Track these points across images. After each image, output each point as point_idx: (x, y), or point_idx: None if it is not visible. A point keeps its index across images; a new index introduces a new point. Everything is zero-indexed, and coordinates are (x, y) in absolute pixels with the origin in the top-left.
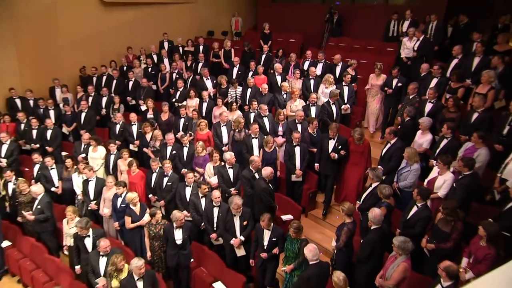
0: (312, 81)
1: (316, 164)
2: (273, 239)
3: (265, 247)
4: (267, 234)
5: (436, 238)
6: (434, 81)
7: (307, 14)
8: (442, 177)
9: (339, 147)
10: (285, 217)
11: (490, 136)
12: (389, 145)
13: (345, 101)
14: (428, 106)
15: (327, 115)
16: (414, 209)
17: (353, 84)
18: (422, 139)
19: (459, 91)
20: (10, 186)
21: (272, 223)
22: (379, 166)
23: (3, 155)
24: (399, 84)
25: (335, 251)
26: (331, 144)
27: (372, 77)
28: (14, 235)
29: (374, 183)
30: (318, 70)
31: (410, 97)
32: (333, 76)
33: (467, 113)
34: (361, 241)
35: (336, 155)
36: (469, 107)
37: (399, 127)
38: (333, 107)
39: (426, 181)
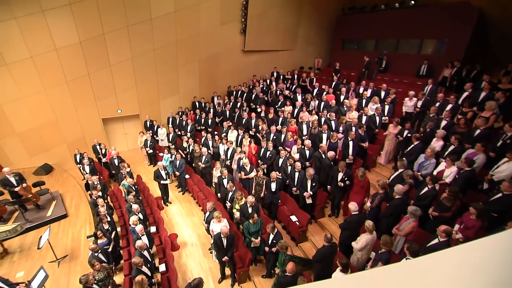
0: (364, 100)
1: (329, 186)
2: (274, 241)
3: (269, 244)
4: (271, 236)
5: (439, 209)
6: (449, 106)
7: (363, 57)
8: (449, 170)
9: (346, 178)
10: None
11: (488, 146)
12: (412, 145)
13: (385, 114)
14: (444, 123)
15: (372, 122)
16: (425, 189)
17: (391, 104)
18: (436, 144)
19: (469, 114)
20: (190, 147)
21: (276, 229)
22: (404, 158)
23: (188, 130)
24: (409, 135)
25: (369, 209)
26: (340, 175)
27: (391, 126)
28: (190, 172)
29: (400, 169)
30: (368, 93)
31: (431, 115)
32: (378, 98)
33: (472, 129)
34: (387, 204)
35: (342, 183)
36: (474, 125)
37: (421, 134)
38: (377, 118)
39: (435, 171)
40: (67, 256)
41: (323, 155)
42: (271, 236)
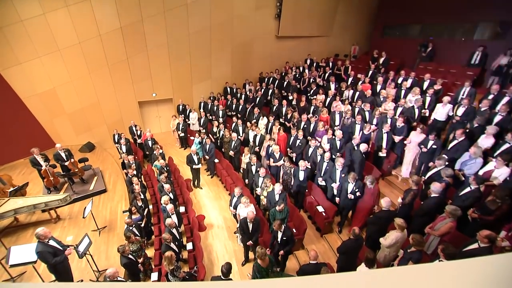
0: (403, 91)
1: (337, 198)
2: (284, 238)
3: (279, 243)
4: (279, 234)
5: (481, 211)
6: (505, 99)
7: (405, 45)
8: (499, 170)
9: (356, 190)
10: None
11: None
12: (456, 141)
13: (425, 107)
14: (498, 118)
15: (411, 115)
16: (467, 189)
17: (434, 96)
18: (485, 141)
19: None
20: (221, 132)
21: (283, 226)
22: (444, 155)
23: (220, 115)
24: (434, 146)
25: (400, 205)
26: (350, 187)
27: (414, 133)
28: (219, 157)
29: (439, 166)
30: (408, 83)
31: (482, 109)
32: (419, 89)
33: None
34: (421, 202)
35: (353, 196)
36: None
37: (467, 130)
38: (416, 110)
39: (482, 171)
40: (106, 227)
41: (355, 147)
42: (279, 234)
